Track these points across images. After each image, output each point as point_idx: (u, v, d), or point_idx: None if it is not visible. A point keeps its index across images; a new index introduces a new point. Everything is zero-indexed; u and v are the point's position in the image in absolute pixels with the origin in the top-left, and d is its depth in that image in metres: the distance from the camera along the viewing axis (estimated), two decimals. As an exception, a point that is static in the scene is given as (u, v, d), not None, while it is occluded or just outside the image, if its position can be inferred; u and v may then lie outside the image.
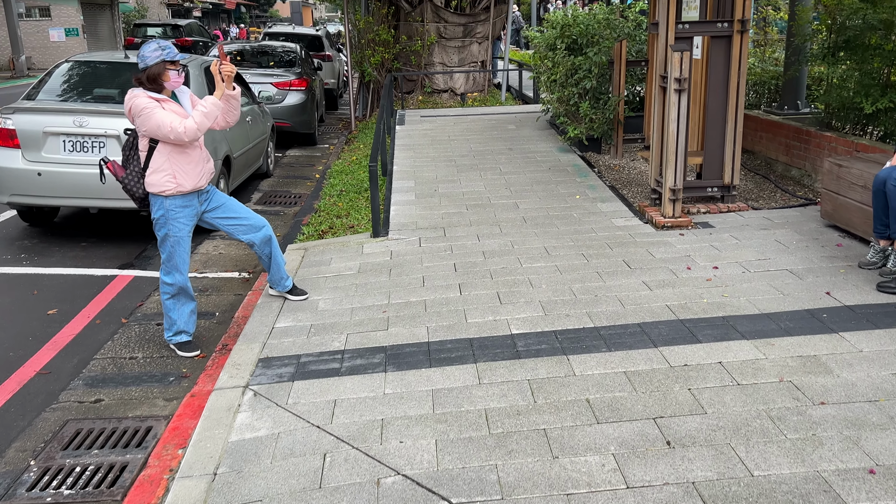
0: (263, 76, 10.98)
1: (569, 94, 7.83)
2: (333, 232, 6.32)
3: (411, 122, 10.59)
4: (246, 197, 8.26)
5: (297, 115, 11.05)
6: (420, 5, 12.97)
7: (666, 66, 5.64)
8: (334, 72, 16.31)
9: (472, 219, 6.03)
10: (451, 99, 13.62)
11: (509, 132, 9.39)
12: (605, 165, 7.68)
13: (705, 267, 4.67)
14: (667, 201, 5.62)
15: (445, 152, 8.43)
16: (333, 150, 11.37)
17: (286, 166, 10.16)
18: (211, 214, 4.26)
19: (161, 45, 3.92)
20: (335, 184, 8.28)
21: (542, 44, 8.37)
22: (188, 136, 3.88)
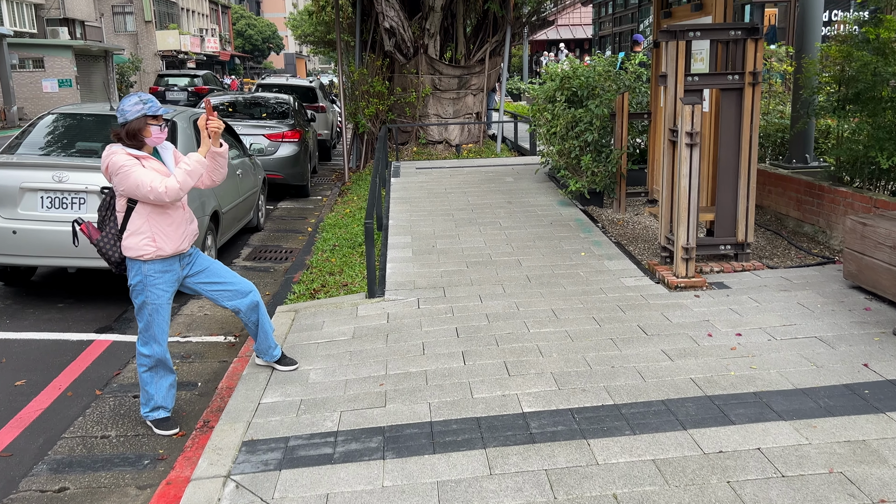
0: (256, 127, 10.77)
1: (570, 147, 7.61)
2: (326, 291, 5.98)
3: (406, 173, 10.36)
4: (235, 252, 7.93)
5: (290, 166, 10.81)
6: (415, 57, 12.89)
7: (675, 120, 5.41)
8: (328, 123, 16.19)
9: (473, 277, 5.71)
10: (446, 150, 13.45)
11: (507, 185, 9.15)
12: (609, 220, 7.41)
13: (727, 333, 4.34)
14: (679, 260, 5.33)
15: (442, 206, 8.16)
16: (326, 202, 11.10)
17: (277, 219, 9.87)
18: (193, 279, 3.92)
19: (143, 99, 3.64)
20: (328, 238, 7.97)
21: (541, 96, 8.19)
22: (169, 197, 3.57)
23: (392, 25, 12.56)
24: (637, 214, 7.60)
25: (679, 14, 6.75)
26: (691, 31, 5.28)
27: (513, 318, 4.77)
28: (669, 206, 5.59)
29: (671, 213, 5.60)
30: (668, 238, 5.65)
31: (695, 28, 5.29)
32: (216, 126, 3.70)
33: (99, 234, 3.77)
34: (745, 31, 5.28)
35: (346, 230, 8.39)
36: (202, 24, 57.20)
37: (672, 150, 5.49)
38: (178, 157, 3.84)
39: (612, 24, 26.23)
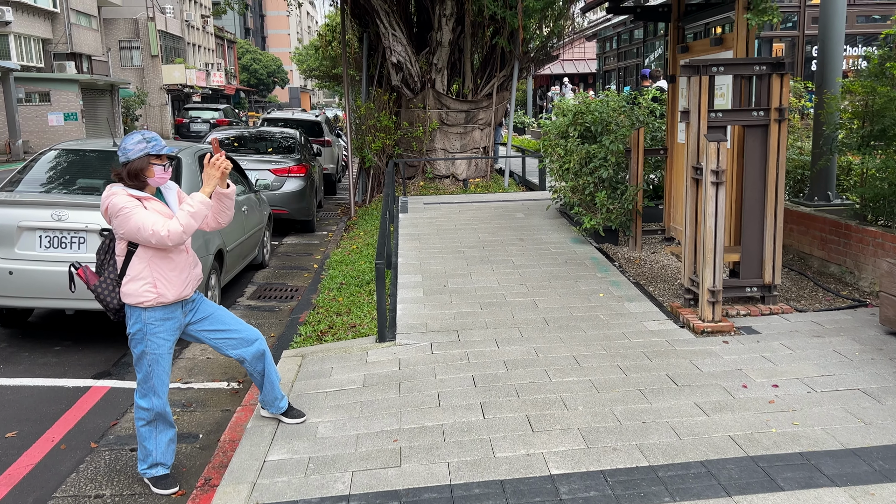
0: (261, 162, 10.63)
1: (583, 184, 7.42)
2: (334, 333, 5.74)
3: (414, 209, 10.17)
4: (239, 291, 7.70)
5: (296, 202, 10.64)
6: (422, 92, 12.80)
7: (699, 157, 5.22)
8: (333, 157, 16.09)
9: (488, 320, 5.46)
10: (454, 185, 13.29)
11: (518, 221, 8.94)
12: (625, 258, 7.19)
13: (763, 385, 4.08)
14: (705, 304, 5.08)
15: (453, 242, 7.94)
16: (332, 237, 10.91)
17: (283, 256, 9.66)
18: (196, 327, 3.68)
19: (146, 137, 3.44)
20: (335, 276, 7.75)
21: (553, 131, 8.03)
22: (172, 241, 3.35)
23: (399, 60, 12.49)
24: (654, 252, 7.37)
25: (697, 49, 6.60)
26: (714, 66, 5.11)
27: (532, 366, 4.51)
28: (693, 247, 5.37)
29: (695, 253, 5.37)
30: (691, 280, 5.41)
31: (718, 63, 5.12)
32: (224, 165, 3.49)
33: (97, 278, 3.55)
34: (770, 66, 5.10)
35: (352, 267, 8.17)
36: (208, 58, 57.77)
37: (695, 188, 5.28)
38: (183, 197, 3.63)
39: (616, 59, 26.27)
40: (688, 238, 5.38)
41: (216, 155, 3.48)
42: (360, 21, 14.25)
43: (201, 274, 3.72)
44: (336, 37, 15.71)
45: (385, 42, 12.52)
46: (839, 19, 6.67)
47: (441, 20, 12.38)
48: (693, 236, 5.35)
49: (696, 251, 5.37)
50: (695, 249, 5.37)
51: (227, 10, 14.59)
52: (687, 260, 5.42)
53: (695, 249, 5.37)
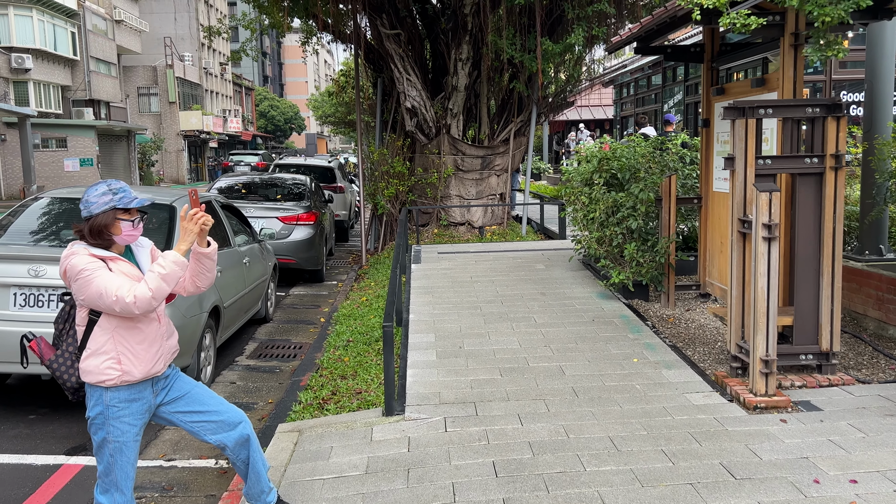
0: (270, 210, 10.20)
1: (611, 235, 6.87)
2: (337, 400, 5.17)
3: (428, 259, 9.64)
4: (238, 348, 7.16)
5: (304, 251, 10.16)
6: (437, 137, 12.41)
7: (745, 209, 4.66)
8: (346, 203, 15.70)
9: (509, 389, 4.87)
10: (469, 232, 12.79)
11: (539, 273, 8.38)
12: (658, 317, 6.58)
13: (838, 479, 3.45)
14: (757, 375, 4.47)
15: (468, 297, 7.38)
16: (342, 287, 10.39)
17: (288, 308, 9.13)
18: (169, 408, 3.13)
19: (112, 188, 2.95)
20: (342, 331, 7.20)
21: (576, 178, 7.52)
22: (139, 308, 2.83)
23: (414, 105, 12.13)
24: (689, 310, 6.77)
25: (735, 91, 6.10)
26: (762, 108, 4.60)
27: (563, 449, 3.90)
28: (740, 309, 4.77)
29: (742, 316, 4.78)
30: (739, 346, 4.80)
31: (765, 104, 4.60)
32: (203, 221, 2.98)
33: (53, 352, 3.02)
34: (825, 108, 4.58)
35: (361, 322, 7.62)
36: (225, 104, 58.42)
37: (742, 243, 4.72)
38: (157, 256, 3.12)
39: (633, 105, 25.98)
40: (734, 299, 4.79)
41: (193, 209, 2.97)
42: (375, 66, 13.99)
43: (177, 345, 3.18)
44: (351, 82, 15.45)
45: (399, 87, 12.18)
46: (888, 60, 6.17)
47: (457, 64, 12.05)
48: (740, 297, 4.76)
49: (743, 314, 4.78)
50: (742, 312, 4.78)
51: (244, 56, 14.39)
52: (733, 324, 4.82)
53: (742, 312, 4.78)
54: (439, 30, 12.75)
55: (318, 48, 16.34)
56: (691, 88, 20.19)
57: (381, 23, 11.78)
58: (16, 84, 33.58)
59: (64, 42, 35.74)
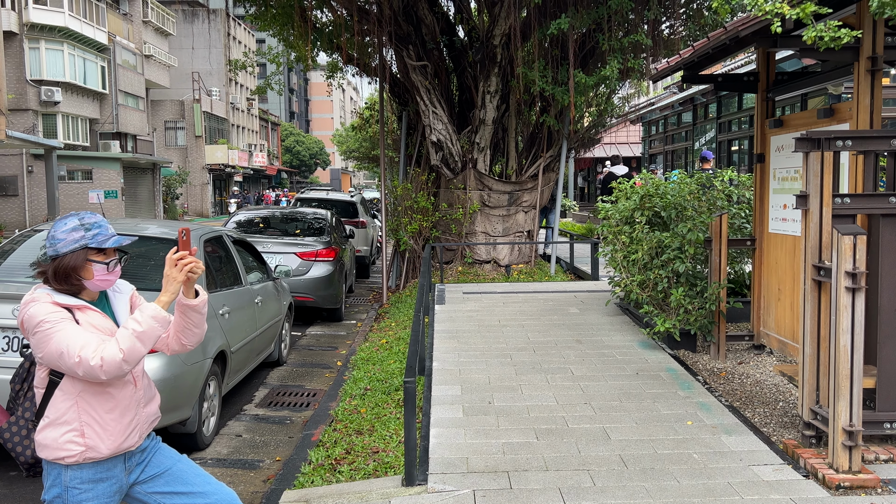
0: (287, 245, 9.74)
1: (655, 278, 6.27)
2: (351, 461, 4.60)
3: (452, 299, 9.08)
4: (248, 395, 6.62)
5: (323, 288, 9.67)
6: (463, 172, 11.95)
7: (821, 254, 4.07)
8: (367, 238, 15.24)
9: (547, 456, 4.26)
10: (495, 271, 12.23)
11: (573, 317, 7.77)
12: (708, 370, 5.94)
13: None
14: (839, 448, 3.82)
15: (497, 343, 6.79)
16: (361, 327, 9.85)
17: (303, 350, 8.59)
18: (145, 488, 2.58)
19: (85, 223, 2.44)
20: (359, 378, 6.65)
21: (615, 216, 6.96)
22: (107, 373, 2.30)
23: (440, 139, 11.71)
24: (742, 363, 6.12)
25: (795, 122, 5.55)
26: (840, 140, 4.03)
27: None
28: (815, 369, 4.15)
29: (817, 376, 4.15)
30: (813, 412, 4.16)
31: (845, 136, 4.04)
32: (191, 267, 2.45)
33: (6, 417, 2.50)
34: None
35: (380, 367, 7.07)
36: (251, 139, 58.90)
37: (817, 293, 4.11)
38: (138, 303, 2.61)
39: (663, 143, 25.46)
40: (807, 357, 4.17)
41: (180, 252, 2.45)
42: (400, 99, 13.65)
43: (158, 412, 2.65)
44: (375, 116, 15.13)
45: (425, 120, 11.78)
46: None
47: (485, 97, 11.63)
48: (814, 355, 4.14)
49: (818, 374, 4.15)
50: (817, 372, 4.15)
51: (270, 92, 14.34)
52: (806, 386, 4.19)
53: (817, 372, 4.15)
54: (466, 63, 12.39)
55: (343, 84, 16.13)
56: (724, 126, 19.64)
57: (408, 54, 11.44)
58: (44, 116, 33.94)
59: (94, 76, 36.19)
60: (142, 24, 41.86)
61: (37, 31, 32.81)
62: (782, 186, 5.80)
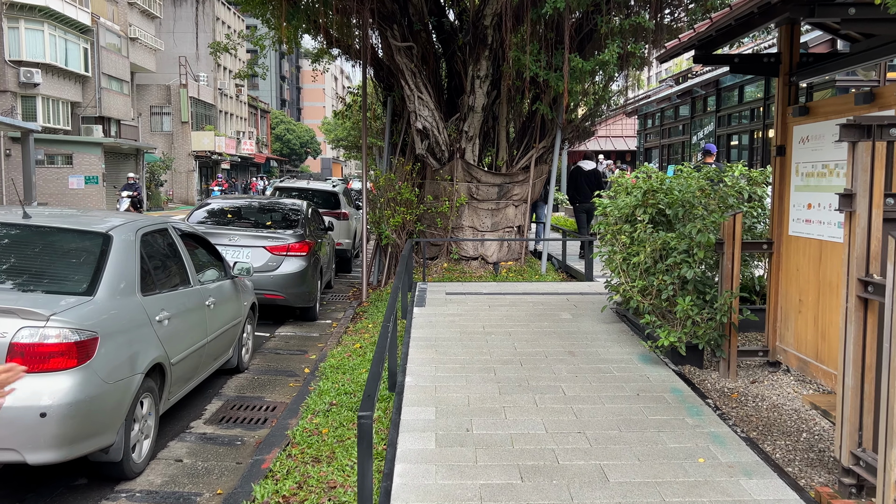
0: (257, 238, 8.96)
1: (659, 285, 5.55)
2: (302, 500, 3.89)
3: (434, 301, 8.34)
4: (197, 409, 5.86)
5: (294, 285, 8.90)
6: (450, 162, 11.19)
7: (869, 265, 3.35)
8: (349, 231, 14.46)
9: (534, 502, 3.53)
10: (482, 268, 11.50)
11: (565, 324, 7.04)
12: (718, 391, 5.23)
13: None
14: None
15: (480, 354, 6.06)
16: (336, 328, 9.10)
17: (269, 354, 7.84)
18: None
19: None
20: (326, 389, 5.93)
21: (615, 213, 6.23)
22: None
23: (425, 126, 10.94)
24: (755, 382, 5.41)
25: (825, 110, 4.82)
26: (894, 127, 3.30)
27: None
28: (858, 404, 3.43)
29: (860, 413, 3.43)
30: (856, 457, 3.45)
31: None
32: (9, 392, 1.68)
33: None
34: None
35: (351, 376, 6.35)
36: (240, 126, 57.83)
37: (863, 311, 3.39)
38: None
39: (659, 136, 24.74)
40: (849, 390, 3.45)
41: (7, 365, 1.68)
42: (385, 84, 12.86)
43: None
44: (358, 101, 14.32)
45: (410, 106, 11.01)
46: None
47: (474, 82, 10.86)
48: (858, 388, 3.42)
49: (861, 411, 3.43)
50: (860, 408, 3.43)
51: (262, 79, 13.77)
52: (847, 424, 3.47)
53: (860, 408, 3.43)
54: (456, 47, 11.61)
55: (336, 73, 15.35)
56: (724, 119, 18.95)
57: (392, 34, 10.64)
58: (24, 99, 32.89)
59: (75, 58, 35.12)
60: (127, 5, 40.75)
61: (16, 11, 31.74)
62: (806, 183, 5.08)
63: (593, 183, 12.78)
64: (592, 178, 12.78)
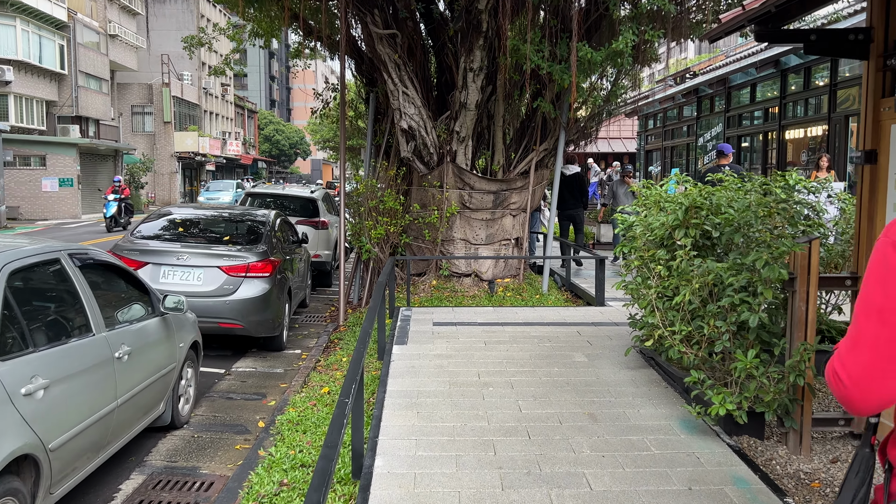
0: (210, 257, 7.59)
1: (710, 333, 4.22)
2: None
3: (418, 334, 7.00)
4: (109, 488, 4.51)
5: (255, 312, 7.55)
6: (439, 166, 9.87)
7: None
8: (329, 241, 13.09)
9: None
10: (476, 286, 10.17)
11: (580, 370, 5.71)
12: (793, 477, 3.91)
13: None
14: None
15: (476, 419, 4.71)
16: (305, 361, 7.76)
17: (219, 399, 6.48)
18: None
19: None
20: (278, 458, 4.64)
21: (646, 234, 4.91)
22: None
23: (411, 126, 9.61)
24: (835, 461, 4.09)
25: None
26: None
27: None
28: None
29: None
30: None
31: None
32: None
33: None
34: None
35: (312, 437, 5.08)
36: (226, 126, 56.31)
37: None
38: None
39: (662, 138, 23.48)
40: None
41: None
42: (368, 79, 11.53)
43: None
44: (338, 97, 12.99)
45: (394, 103, 9.68)
46: None
47: (467, 76, 9.53)
48: None
49: None
50: None
51: (234, 75, 12.78)
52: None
53: None
54: (446, 38, 10.29)
55: (311, 64, 14.20)
56: (733, 120, 17.69)
57: (373, 20, 9.30)
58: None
59: (50, 55, 33.60)
60: (107, 1, 39.24)
61: (-15, 4, 30.24)
62: (912, 200, 3.78)
63: (575, 188, 11.92)
64: (574, 184, 11.85)
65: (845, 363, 1.42)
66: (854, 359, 1.41)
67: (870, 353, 1.39)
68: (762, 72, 15.51)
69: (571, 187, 11.80)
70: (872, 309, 1.42)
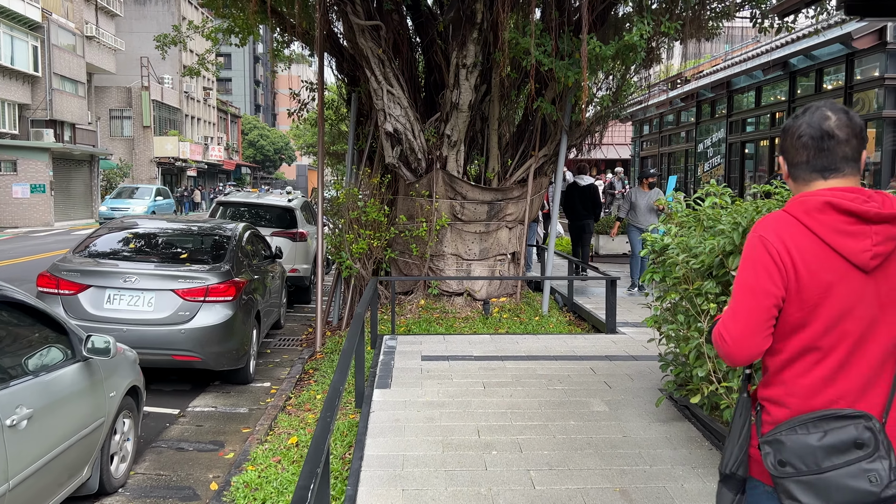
0: (163, 278, 6.54)
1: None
2: None
3: (404, 373, 5.97)
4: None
5: (215, 342, 6.50)
6: (428, 174, 8.88)
7: None
8: (308, 254, 12.03)
9: None
10: (469, 306, 9.18)
11: (601, 424, 4.71)
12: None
13: None
14: None
15: (476, 499, 3.69)
16: (274, 397, 6.72)
17: (167, 450, 5.43)
18: None
19: None
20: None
21: (688, 261, 3.92)
22: None
23: (397, 128, 8.62)
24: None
25: None
26: None
27: None
28: None
29: None
30: None
31: None
32: None
33: None
34: None
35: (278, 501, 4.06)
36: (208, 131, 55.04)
37: None
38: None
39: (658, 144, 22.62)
40: None
41: None
42: (350, 77, 10.55)
43: None
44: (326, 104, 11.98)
45: (378, 102, 8.69)
46: None
47: (459, 73, 8.55)
48: None
49: None
50: None
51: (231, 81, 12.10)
52: None
53: None
54: (436, 33, 9.31)
55: (290, 67, 13.31)
56: (736, 126, 16.83)
57: (353, 10, 8.30)
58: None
59: (23, 56, 32.31)
60: (83, 2, 38.01)
61: (-48, 3, 28.95)
62: None
63: (588, 201, 11.30)
64: (588, 196, 11.26)
65: (728, 327, 1.85)
66: (733, 324, 1.84)
67: (744, 319, 1.83)
68: (769, 74, 14.65)
69: (584, 199, 11.10)
70: (745, 286, 1.84)
